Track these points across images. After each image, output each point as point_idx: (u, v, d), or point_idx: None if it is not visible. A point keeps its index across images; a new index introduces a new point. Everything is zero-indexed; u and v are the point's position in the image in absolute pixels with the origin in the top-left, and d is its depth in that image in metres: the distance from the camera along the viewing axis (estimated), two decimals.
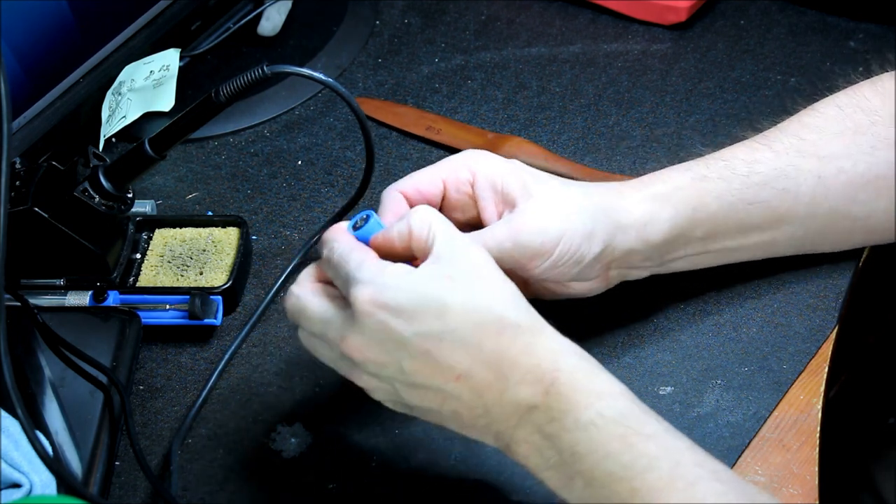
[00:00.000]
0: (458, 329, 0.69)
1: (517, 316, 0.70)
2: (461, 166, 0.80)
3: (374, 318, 0.70)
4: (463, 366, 0.69)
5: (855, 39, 1.09)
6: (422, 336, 0.69)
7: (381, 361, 0.71)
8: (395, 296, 0.69)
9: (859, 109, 0.85)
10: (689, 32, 1.11)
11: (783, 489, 0.78)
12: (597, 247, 0.80)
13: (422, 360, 0.70)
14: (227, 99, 0.80)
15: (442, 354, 0.69)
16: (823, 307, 0.87)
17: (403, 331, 0.69)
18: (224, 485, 0.80)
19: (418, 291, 0.70)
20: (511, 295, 0.71)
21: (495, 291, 0.71)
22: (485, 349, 0.69)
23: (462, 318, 0.69)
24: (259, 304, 0.90)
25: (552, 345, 0.70)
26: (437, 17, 1.15)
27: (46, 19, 0.90)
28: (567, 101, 1.05)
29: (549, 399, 0.69)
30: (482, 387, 0.70)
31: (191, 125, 0.82)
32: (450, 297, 0.69)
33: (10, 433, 0.75)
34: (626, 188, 0.82)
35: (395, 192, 0.80)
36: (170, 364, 0.87)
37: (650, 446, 0.67)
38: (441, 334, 0.69)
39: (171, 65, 0.91)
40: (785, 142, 0.85)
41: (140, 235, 0.92)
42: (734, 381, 0.83)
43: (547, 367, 0.69)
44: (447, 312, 0.69)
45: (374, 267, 0.71)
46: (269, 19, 1.10)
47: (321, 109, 1.07)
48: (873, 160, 0.84)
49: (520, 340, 0.69)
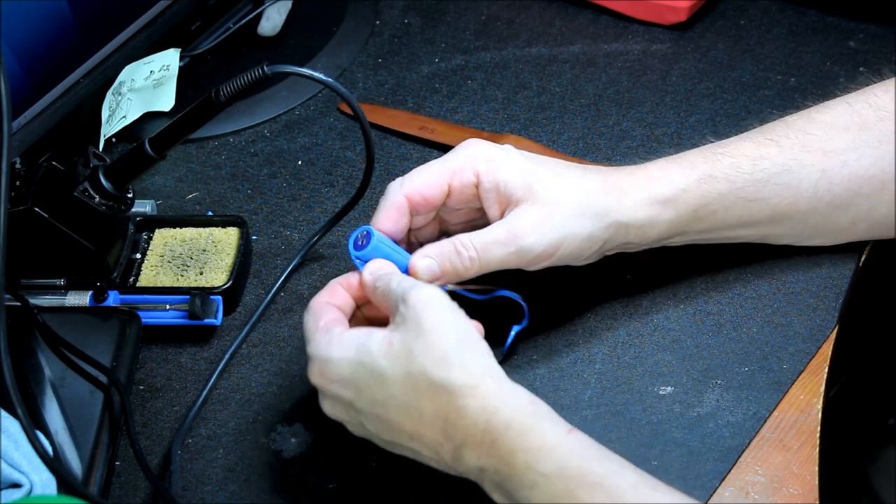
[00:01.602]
0: (397, 396, 0.72)
1: (452, 376, 0.70)
2: (465, 167, 0.80)
3: (328, 389, 0.75)
4: (410, 427, 0.72)
5: (855, 39, 1.09)
6: (370, 403, 0.73)
7: (348, 420, 0.75)
8: (337, 370, 0.73)
9: (868, 106, 0.85)
10: (689, 32, 1.11)
11: (783, 489, 0.78)
12: (596, 245, 0.81)
13: (376, 422, 0.73)
14: (227, 99, 0.80)
15: (390, 418, 0.73)
16: (823, 307, 0.87)
17: (354, 400, 0.73)
18: (224, 485, 0.80)
19: (358, 363, 0.73)
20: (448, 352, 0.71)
21: (431, 351, 0.71)
22: (425, 412, 0.71)
23: (398, 386, 0.72)
24: (259, 304, 0.90)
25: (486, 404, 0.70)
26: (437, 17, 1.15)
27: (46, 19, 0.90)
28: (567, 101, 1.05)
29: (493, 461, 0.71)
30: (434, 445, 0.72)
31: (191, 125, 0.82)
32: (386, 365, 0.72)
33: (10, 433, 0.75)
34: (631, 187, 0.82)
35: (400, 197, 0.80)
36: (170, 364, 0.87)
37: (595, 494, 0.68)
38: (385, 401, 0.72)
39: (171, 65, 0.91)
40: (791, 137, 0.85)
41: (140, 235, 0.92)
42: (734, 381, 0.83)
43: (483, 428, 0.70)
44: (385, 382, 0.72)
45: (322, 341, 0.75)
46: (269, 19, 1.10)
47: (321, 109, 1.07)
48: (879, 154, 0.84)
49: (453, 404, 0.71)
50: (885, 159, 0.84)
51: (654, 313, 0.88)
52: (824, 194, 0.84)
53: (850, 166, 0.84)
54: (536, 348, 0.86)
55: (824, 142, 0.84)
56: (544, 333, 0.87)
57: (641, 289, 0.89)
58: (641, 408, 0.82)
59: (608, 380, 0.84)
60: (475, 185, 0.80)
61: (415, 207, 0.80)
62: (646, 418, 0.81)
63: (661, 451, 0.79)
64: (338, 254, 0.94)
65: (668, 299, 0.88)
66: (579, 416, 0.82)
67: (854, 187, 0.84)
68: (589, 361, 0.85)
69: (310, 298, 0.90)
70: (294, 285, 0.92)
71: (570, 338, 0.87)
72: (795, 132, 0.85)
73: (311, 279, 0.92)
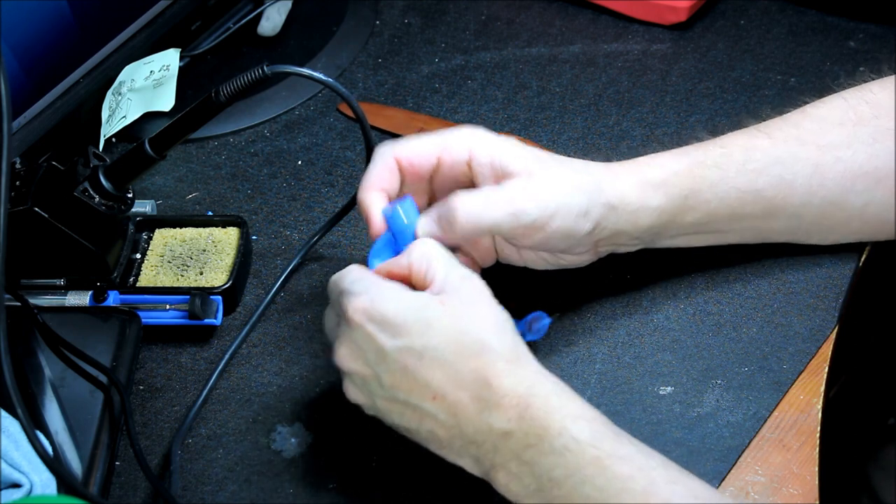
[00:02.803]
0: (439, 347, 0.71)
1: (499, 343, 0.72)
2: (458, 143, 0.81)
3: (361, 328, 0.72)
4: (439, 384, 0.71)
5: (855, 39, 1.09)
6: (402, 351, 0.71)
7: (363, 374, 0.73)
8: (384, 308, 0.72)
9: (864, 102, 0.85)
10: (689, 32, 1.11)
11: (783, 489, 0.78)
12: (589, 224, 0.80)
13: (400, 374, 0.72)
14: (228, 99, 0.80)
15: (419, 371, 0.71)
16: (823, 307, 0.87)
17: (385, 343, 0.71)
18: (224, 485, 0.80)
19: (407, 307, 0.72)
20: (497, 324, 0.73)
21: (482, 318, 0.72)
22: (462, 370, 0.71)
23: (444, 338, 0.71)
24: (259, 304, 0.90)
25: (528, 372, 0.72)
26: (437, 17, 1.15)
27: (46, 19, 0.90)
28: (567, 101, 1.05)
29: (524, 424, 0.70)
30: (457, 407, 0.71)
31: (191, 125, 0.82)
32: (436, 316, 0.71)
33: (10, 433, 0.75)
34: (622, 170, 0.83)
35: (391, 158, 0.80)
36: (170, 364, 0.87)
37: (624, 468, 0.68)
38: (422, 351, 0.71)
39: (171, 65, 0.91)
40: (785, 130, 0.85)
41: (140, 235, 0.92)
42: (734, 381, 0.83)
43: (521, 392, 0.70)
44: (430, 330, 0.71)
45: (369, 281, 0.74)
46: (269, 19, 1.10)
47: (321, 109, 1.07)
48: (873, 151, 0.84)
49: (497, 366, 0.71)
50: (880, 156, 0.84)
51: (654, 313, 0.88)
52: (818, 189, 0.84)
53: (843, 162, 0.84)
54: (536, 348, 0.86)
55: (818, 136, 0.84)
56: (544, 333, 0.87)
57: (641, 289, 0.89)
58: (641, 408, 0.82)
59: (608, 380, 0.84)
60: (467, 162, 0.80)
61: (403, 173, 0.81)
62: (646, 418, 0.81)
63: (661, 451, 0.79)
64: (338, 254, 0.94)
65: (668, 299, 0.88)
66: None
67: (847, 183, 0.84)
68: (589, 361, 0.85)
69: (310, 298, 0.91)
70: (294, 285, 0.92)
71: (570, 338, 0.87)
72: (789, 126, 0.85)
73: (311, 279, 0.92)
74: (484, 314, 0.73)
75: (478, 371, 0.70)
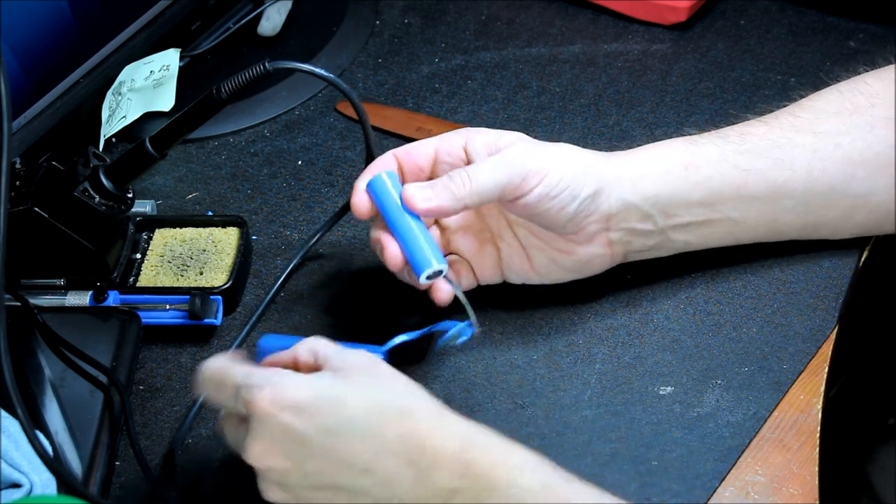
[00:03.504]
0: (358, 420, 0.68)
1: (419, 403, 0.69)
2: (454, 135, 0.82)
3: (275, 418, 0.68)
4: (367, 457, 0.68)
5: (855, 39, 1.09)
6: (323, 431, 0.68)
7: (282, 468, 0.69)
8: (293, 393, 0.68)
9: (859, 93, 0.86)
10: (689, 32, 1.11)
11: (783, 489, 0.78)
12: (590, 186, 0.80)
13: (325, 457, 0.68)
14: (229, 95, 0.80)
15: (344, 448, 0.68)
16: (823, 307, 0.87)
17: (304, 428, 0.68)
18: (224, 485, 0.80)
19: (315, 387, 0.69)
20: (408, 385, 0.71)
21: (391, 383, 0.70)
22: (388, 437, 0.68)
23: (360, 409, 0.68)
24: (259, 304, 0.90)
25: (457, 427, 0.69)
26: (437, 17, 1.15)
27: (46, 19, 0.90)
28: (567, 101, 1.05)
29: (469, 481, 0.67)
30: (391, 477, 0.68)
31: (192, 122, 0.82)
32: (347, 390, 0.69)
33: (10, 433, 0.75)
34: (616, 154, 0.84)
35: (389, 154, 0.82)
36: (170, 364, 0.87)
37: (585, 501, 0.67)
38: (340, 427, 0.68)
39: (171, 65, 0.91)
40: (780, 118, 0.86)
41: (140, 235, 0.92)
42: (734, 381, 0.83)
43: (457, 448, 0.68)
44: (345, 404, 0.68)
45: (262, 372, 0.70)
46: (269, 19, 1.10)
47: (321, 109, 1.07)
48: (872, 138, 0.84)
49: (423, 425, 0.68)
50: (879, 143, 0.84)
51: (654, 313, 0.88)
52: (819, 174, 0.84)
53: (842, 148, 0.84)
54: (536, 348, 0.86)
55: (814, 124, 0.85)
56: (544, 333, 0.87)
57: (641, 289, 0.89)
58: (641, 408, 0.82)
59: (608, 380, 0.84)
60: (463, 147, 0.81)
61: (402, 167, 0.82)
62: (646, 418, 0.81)
63: (661, 451, 0.79)
64: (338, 253, 0.94)
65: (668, 299, 0.88)
66: (579, 416, 0.82)
67: (849, 170, 0.84)
68: (589, 361, 0.85)
69: (309, 298, 0.91)
70: (294, 285, 0.92)
71: (570, 338, 0.87)
72: (785, 115, 0.86)
73: (311, 279, 0.92)
74: (392, 380, 0.70)
75: (405, 436, 0.68)
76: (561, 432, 0.81)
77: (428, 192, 0.78)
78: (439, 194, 0.78)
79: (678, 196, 0.83)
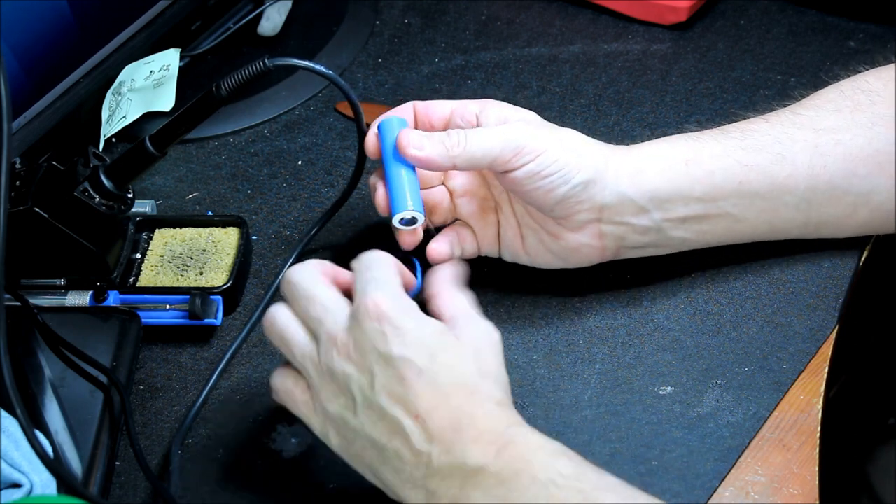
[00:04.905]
0: (439, 374, 0.70)
1: (494, 390, 0.72)
2: (472, 101, 0.84)
3: (375, 323, 0.71)
4: (426, 405, 0.70)
5: (855, 39, 1.09)
6: (406, 361, 0.70)
7: (356, 369, 0.71)
8: (404, 316, 0.71)
9: (860, 91, 0.86)
10: (689, 32, 1.12)
11: (783, 489, 0.78)
12: (584, 173, 0.81)
13: (394, 382, 0.70)
14: (229, 93, 0.80)
15: (413, 386, 0.70)
16: (823, 307, 0.87)
17: (394, 348, 0.70)
18: (224, 485, 0.80)
19: (424, 328, 0.71)
20: (497, 376, 0.73)
21: (485, 367, 0.72)
22: (452, 401, 0.70)
23: (446, 370, 0.70)
24: (259, 304, 0.90)
25: (514, 419, 0.71)
26: (437, 17, 1.15)
27: (46, 19, 0.90)
28: (567, 101, 1.05)
29: (501, 461, 0.69)
30: (435, 433, 0.70)
31: (192, 120, 0.82)
32: (445, 349, 0.71)
33: (10, 433, 0.75)
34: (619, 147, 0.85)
35: (410, 104, 0.85)
36: (170, 364, 0.87)
37: (609, 496, 0.68)
38: (422, 369, 0.70)
39: (171, 65, 0.91)
40: (781, 115, 0.87)
41: (140, 235, 0.92)
42: (734, 381, 0.83)
43: (503, 431, 0.70)
44: (437, 358, 0.71)
45: (399, 288, 0.73)
46: (269, 19, 1.10)
47: (321, 109, 1.07)
48: (872, 135, 0.84)
49: (486, 406, 0.71)
50: (880, 140, 0.84)
51: (654, 313, 0.88)
52: (821, 171, 0.84)
53: (843, 144, 0.84)
54: (536, 348, 0.86)
55: (815, 121, 0.85)
56: (544, 333, 0.87)
57: (641, 289, 0.89)
58: (641, 408, 0.82)
59: (608, 380, 0.84)
60: (476, 114, 0.83)
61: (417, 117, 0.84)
62: (646, 418, 0.81)
63: (661, 451, 0.80)
64: (338, 252, 0.94)
65: (668, 299, 0.88)
66: (579, 416, 0.82)
67: (850, 167, 0.84)
68: (589, 361, 0.85)
69: None
70: None
71: (570, 338, 0.87)
72: (786, 112, 0.87)
73: None
74: (488, 364, 0.72)
75: (465, 406, 0.70)
76: (561, 432, 0.81)
77: (422, 141, 0.80)
78: (432, 146, 0.80)
79: (678, 191, 0.83)
